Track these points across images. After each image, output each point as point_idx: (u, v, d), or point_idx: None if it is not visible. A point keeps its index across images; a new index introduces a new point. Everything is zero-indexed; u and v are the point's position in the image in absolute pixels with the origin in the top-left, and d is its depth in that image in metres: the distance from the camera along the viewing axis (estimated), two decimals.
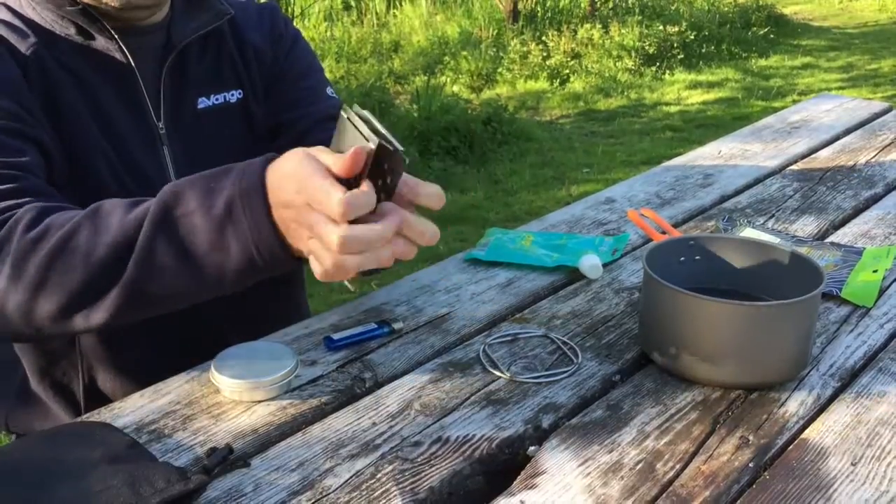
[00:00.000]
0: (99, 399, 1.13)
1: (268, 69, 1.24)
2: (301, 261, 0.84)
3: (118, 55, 1.08)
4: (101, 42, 1.07)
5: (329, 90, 1.28)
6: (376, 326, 1.10)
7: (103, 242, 0.85)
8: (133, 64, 1.08)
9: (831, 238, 1.38)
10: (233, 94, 1.19)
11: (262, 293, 1.19)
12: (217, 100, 1.17)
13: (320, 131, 1.16)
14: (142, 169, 1.11)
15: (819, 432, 0.91)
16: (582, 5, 7.51)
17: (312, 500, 0.81)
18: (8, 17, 1.06)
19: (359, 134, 0.78)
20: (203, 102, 1.16)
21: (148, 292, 0.86)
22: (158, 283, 0.85)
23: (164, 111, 1.12)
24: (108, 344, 1.13)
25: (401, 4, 7.67)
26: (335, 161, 0.77)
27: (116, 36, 1.07)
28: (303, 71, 1.27)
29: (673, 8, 7.57)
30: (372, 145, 0.76)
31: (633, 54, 6.50)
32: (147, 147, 1.11)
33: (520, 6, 7.07)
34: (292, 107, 1.23)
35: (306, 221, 0.77)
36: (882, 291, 1.20)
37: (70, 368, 1.15)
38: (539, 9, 7.29)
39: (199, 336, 1.09)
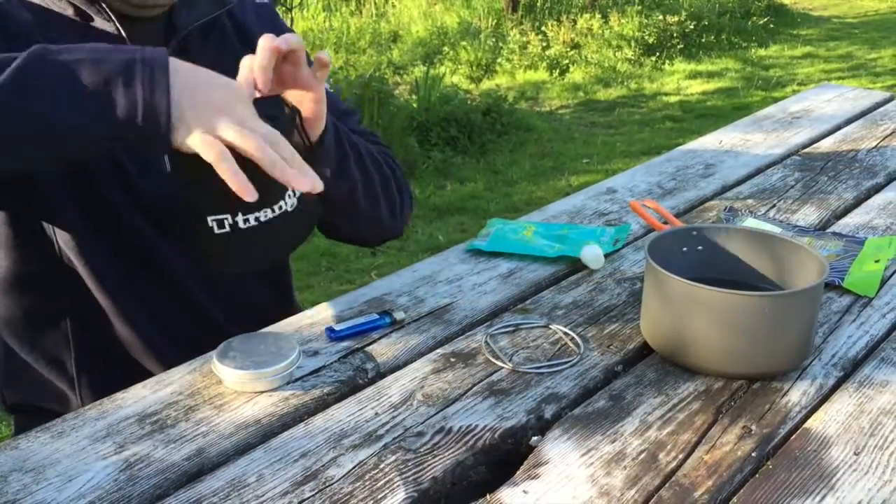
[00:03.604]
0: (92, 370, 1.12)
1: None
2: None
3: (116, 40, 1.05)
4: (99, 24, 1.05)
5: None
6: (378, 317, 1.10)
7: None
8: None
9: (833, 228, 1.38)
10: None
11: (249, 280, 1.19)
12: None
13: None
14: (142, 156, 1.09)
15: (822, 422, 0.91)
16: None
17: (315, 491, 0.81)
18: None
19: None
20: None
21: None
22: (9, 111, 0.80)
23: None
24: (94, 332, 1.13)
25: None
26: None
27: (116, 20, 1.04)
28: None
29: None
30: None
31: (633, 44, 6.49)
32: None
33: None
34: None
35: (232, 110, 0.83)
36: (884, 281, 1.20)
37: (61, 340, 1.13)
38: None
39: (186, 322, 1.10)
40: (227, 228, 0.90)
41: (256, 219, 0.90)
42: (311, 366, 1.01)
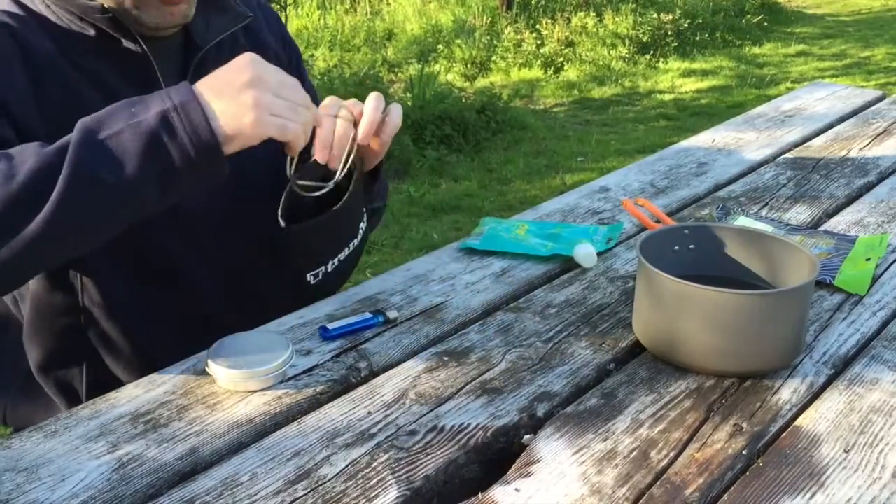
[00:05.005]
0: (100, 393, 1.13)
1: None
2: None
3: (141, 58, 1.07)
4: (123, 44, 1.07)
5: None
6: (371, 316, 1.10)
7: (25, 169, 0.84)
8: (155, 66, 1.09)
9: (825, 226, 1.39)
10: None
11: (264, 290, 1.20)
12: None
13: None
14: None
15: (812, 420, 0.92)
16: None
17: (308, 490, 0.82)
18: (19, 12, 1.03)
19: None
20: None
21: (74, 214, 0.85)
22: (86, 203, 0.85)
23: None
24: (115, 330, 1.14)
25: None
26: None
27: (141, 40, 1.07)
28: (313, 94, 1.34)
29: None
30: None
31: (627, 42, 6.49)
32: None
33: None
34: None
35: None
36: (875, 280, 1.20)
37: (73, 363, 1.15)
38: None
39: (200, 322, 1.10)
40: (321, 277, 1.10)
41: (339, 259, 1.11)
42: (304, 365, 1.01)
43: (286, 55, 1.29)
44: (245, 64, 0.90)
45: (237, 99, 0.88)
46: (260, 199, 1.21)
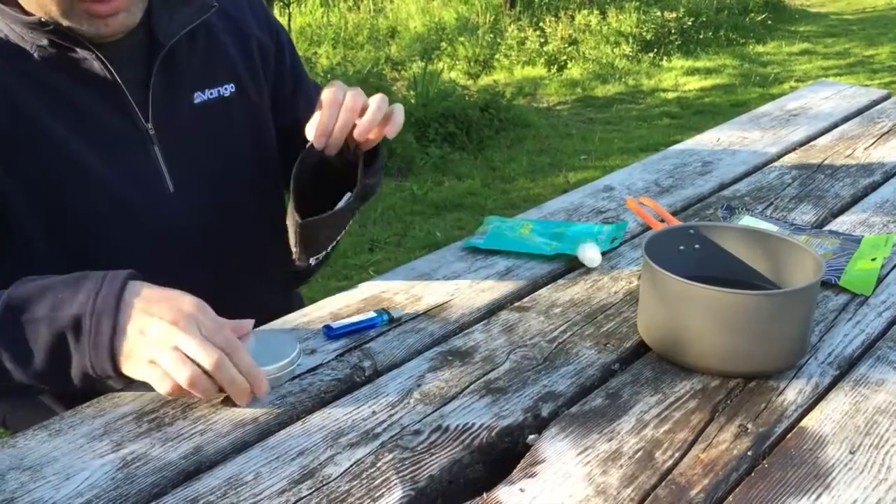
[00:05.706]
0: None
1: (273, 61, 1.24)
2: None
3: (96, 64, 1.04)
4: (77, 53, 1.03)
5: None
6: (375, 315, 1.10)
7: None
8: (112, 71, 1.05)
9: (830, 226, 1.38)
10: (226, 89, 1.18)
11: (256, 288, 1.19)
12: (212, 94, 1.16)
13: None
14: (136, 171, 1.09)
15: (817, 420, 0.91)
16: None
17: (313, 489, 0.81)
18: None
19: None
20: (199, 97, 1.15)
21: None
22: None
23: (154, 112, 1.10)
24: None
25: None
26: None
27: (92, 46, 1.03)
28: (304, 76, 1.33)
29: None
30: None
31: (631, 40, 6.48)
32: (138, 149, 1.10)
33: None
34: (308, 109, 1.23)
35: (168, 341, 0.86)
36: (880, 280, 1.20)
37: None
38: None
39: None
40: (320, 259, 1.18)
41: (336, 242, 1.19)
42: (309, 364, 1.01)
43: (273, 45, 1.25)
44: (187, 303, 0.89)
45: (146, 330, 0.87)
46: (244, 196, 1.20)
